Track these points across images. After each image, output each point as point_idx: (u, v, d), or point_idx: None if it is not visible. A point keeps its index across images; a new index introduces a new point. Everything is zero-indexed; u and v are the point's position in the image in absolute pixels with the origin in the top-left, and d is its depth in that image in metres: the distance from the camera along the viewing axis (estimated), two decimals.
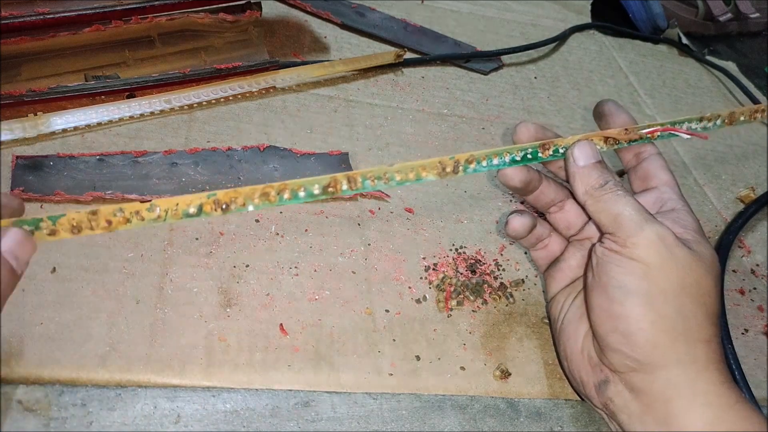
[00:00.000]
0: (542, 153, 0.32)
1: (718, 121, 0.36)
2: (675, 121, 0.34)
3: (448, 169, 0.30)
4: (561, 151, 0.32)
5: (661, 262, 0.29)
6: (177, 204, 0.26)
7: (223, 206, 0.27)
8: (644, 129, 0.33)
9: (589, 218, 0.33)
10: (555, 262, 0.36)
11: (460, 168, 0.31)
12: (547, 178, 0.35)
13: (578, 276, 0.35)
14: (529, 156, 0.32)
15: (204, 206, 0.27)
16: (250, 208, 0.27)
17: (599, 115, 0.36)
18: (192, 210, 0.26)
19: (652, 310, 0.28)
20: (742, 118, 0.36)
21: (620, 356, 0.29)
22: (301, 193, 0.28)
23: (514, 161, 0.32)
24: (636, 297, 0.29)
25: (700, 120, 0.35)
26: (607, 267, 0.30)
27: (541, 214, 0.37)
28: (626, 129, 0.33)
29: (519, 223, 0.34)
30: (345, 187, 0.29)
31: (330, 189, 0.28)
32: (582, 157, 0.32)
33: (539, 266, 0.37)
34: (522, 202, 0.45)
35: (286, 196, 0.28)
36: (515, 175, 0.33)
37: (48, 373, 0.29)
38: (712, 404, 0.28)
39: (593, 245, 0.32)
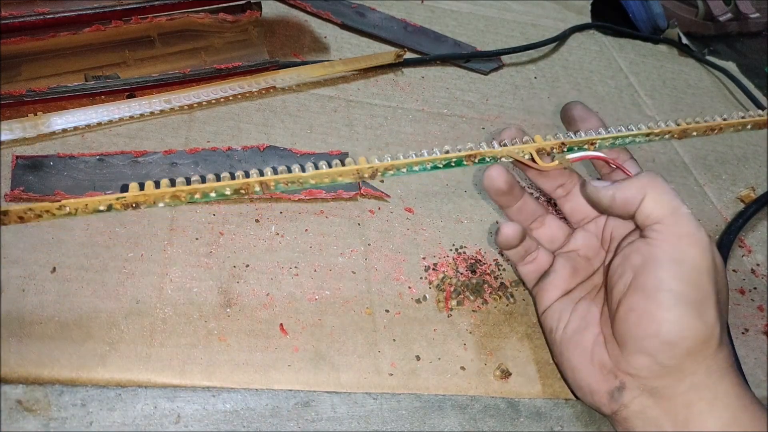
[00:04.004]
0: (467, 161, 0.32)
1: (667, 135, 0.35)
2: (620, 135, 0.34)
3: (366, 175, 0.31)
4: (488, 160, 0.32)
5: (709, 268, 0.28)
6: (87, 204, 0.27)
7: (133, 205, 0.28)
8: (574, 154, 0.33)
9: (588, 211, 0.33)
10: (545, 275, 0.36)
11: (378, 175, 0.31)
12: (527, 192, 0.35)
13: (570, 287, 0.35)
14: (453, 164, 0.31)
15: (114, 205, 0.28)
16: (161, 205, 0.28)
17: (569, 119, 0.36)
18: (102, 207, 0.28)
19: (699, 318, 0.28)
20: (694, 134, 0.36)
21: (651, 361, 0.29)
22: (212, 194, 0.29)
23: (435, 168, 0.31)
24: (686, 305, 0.28)
25: (647, 135, 0.34)
26: (654, 268, 0.29)
27: None
28: (562, 142, 0.33)
29: (511, 229, 0.34)
30: (257, 189, 0.29)
31: (241, 191, 0.29)
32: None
33: (528, 281, 0.37)
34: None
35: (197, 196, 0.28)
36: (499, 176, 0.33)
37: (48, 373, 0.29)
38: (730, 406, 0.28)
39: (630, 242, 0.31)
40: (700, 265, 0.28)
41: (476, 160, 0.32)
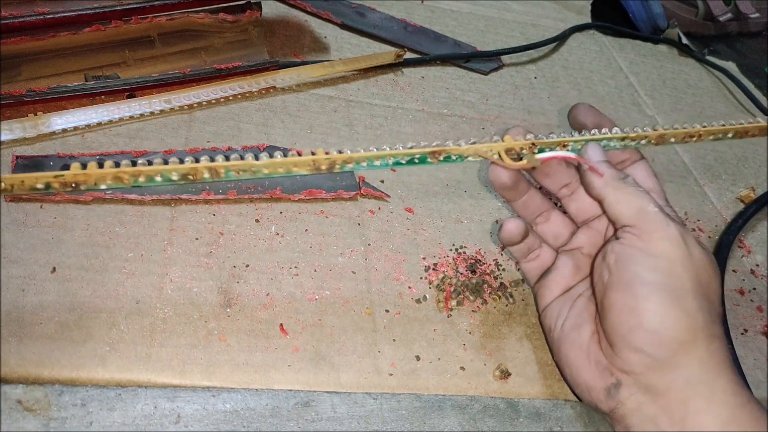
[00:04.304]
0: (431, 158, 0.31)
1: (644, 141, 0.35)
2: (593, 138, 0.33)
3: (323, 167, 0.30)
4: (454, 158, 0.31)
5: (683, 259, 0.29)
6: (23, 180, 0.26)
7: (72, 185, 0.27)
8: (544, 154, 0.33)
9: (604, 211, 0.32)
10: (546, 272, 0.36)
11: (336, 167, 0.30)
12: (533, 187, 0.35)
13: (571, 285, 0.35)
14: (416, 160, 0.31)
15: (52, 183, 0.27)
16: (103, 186, 0.27)
17: (580, 126, 0.36)
18: (39, 185, 0.27)
19: (677, 306, 0.29)
20: (672, 140, 0.36)
21: (641, 355, 0.29)
22: (158, 178, 0.28)
23: (398, 164, 0.31)
24: (662, 293, 0.29)
25: (622, 139, 0.34)
26: (628, 264, 0.30)
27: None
28: (532, 143, 0.32)
29: (514, 225, 0.34)
30: (206, 175, 0.28)
31: (189, 177, 0.28)
32: (596, 155, 0.32)
33: (529, 278, 0.37)
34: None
35: (141, 179, 0.28)
36: (504, 171, 0.33)
37: (48, 373, 0.29)
38: (728, 403, 0.28)
39: (607, 243, 0.32)
40: (672, 257, 0.29)
41: (441, 158, 0.31)
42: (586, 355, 0.32)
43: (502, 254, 0.41)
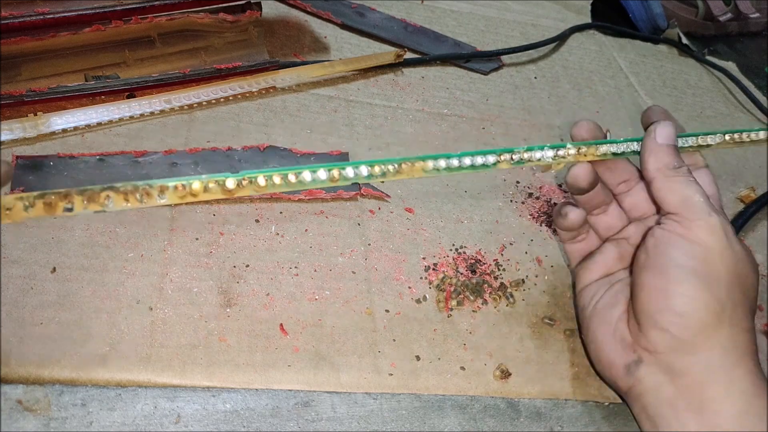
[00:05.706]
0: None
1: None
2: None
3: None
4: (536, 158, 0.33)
5: (721, 249, 0.30)
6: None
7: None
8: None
9: (653, 198, 0.33)
10: (590, 255, 0.37)
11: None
12: (600, 181, 0.36)
13: (612, 271, 0.36)
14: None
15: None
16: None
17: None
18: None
19: (708, 291, 0.29)
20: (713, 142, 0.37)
21: (666, 335, 0.30)
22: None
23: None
24: (694, 277, 0.29)
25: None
26: (666, 248, 0.30)
27: None
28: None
29: (577, 216, 0.35)
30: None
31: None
32: (662, 135, 0.33)
33: (571, 259, 0.38)
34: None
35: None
36: (586, 177, 0.34)
37: (48, 373, 0.29)
38: (745, 392, 0.29)
39: (650, 228, 0.32)
40: (710, 246, 0.30)
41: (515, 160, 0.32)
42: (612, 331, 0.32)
43: (502, 254, 0.41)
